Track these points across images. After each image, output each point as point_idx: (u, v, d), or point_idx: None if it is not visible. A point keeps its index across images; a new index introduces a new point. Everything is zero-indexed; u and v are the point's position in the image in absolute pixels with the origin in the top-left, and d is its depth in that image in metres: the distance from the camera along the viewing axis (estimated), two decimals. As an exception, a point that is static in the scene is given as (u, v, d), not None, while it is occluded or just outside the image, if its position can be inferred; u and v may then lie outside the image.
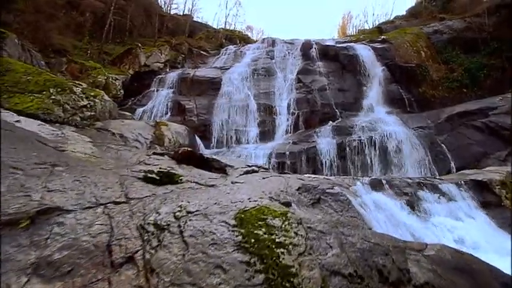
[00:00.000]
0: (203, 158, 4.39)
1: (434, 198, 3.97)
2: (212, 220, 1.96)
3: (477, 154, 7.58)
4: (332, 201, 3.46)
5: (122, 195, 2.16)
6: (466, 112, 8.71)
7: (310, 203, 3.33)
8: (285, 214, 2.22)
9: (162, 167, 3.38)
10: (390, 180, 4.35)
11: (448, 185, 4.10)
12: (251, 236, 1.86)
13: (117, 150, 4.04)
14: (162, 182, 3.04)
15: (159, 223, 1.81)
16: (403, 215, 3.53)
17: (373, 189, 4.11)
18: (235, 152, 8.62)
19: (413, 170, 7.66)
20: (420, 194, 4.03)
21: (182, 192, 2.61)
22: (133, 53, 11.68)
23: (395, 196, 3.98)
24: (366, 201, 3.55)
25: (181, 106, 10.81)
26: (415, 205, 3.85)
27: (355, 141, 8.39)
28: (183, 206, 2.09)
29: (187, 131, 8.15)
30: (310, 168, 8.05)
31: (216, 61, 16.40)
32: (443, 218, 3.60)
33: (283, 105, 11.22)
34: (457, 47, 13.44)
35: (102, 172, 2.56)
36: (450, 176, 4.75)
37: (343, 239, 2.13)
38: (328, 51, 14.46)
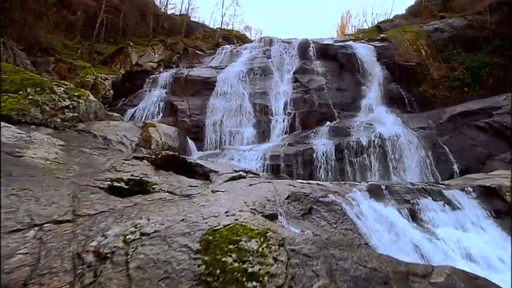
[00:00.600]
0: (186, 163, 4.03)
1: (439, 206, 3.61)
2: (171, 244, 1.59)
3: (481, 156, 7.22)
4: (325, 212, 3.10)
5: (68, 211, 1.80)
6: (468, 112, 8.36)
7: (301, 214, 2.97)
8: (263, 234, 1.86)
9: (134, 174, 3.02)
10: (390, 185, 3.99)
11: (453, 192, 3.74)
12: (217, 265, 1.49)
13: (90, 154, 3.68)
14: (131, 192, 2.68)
15: (102, 250, 1.45)
16: (404, 225, 3.17)
17: (371, 196, 3.75)
18: (228, 154, 8.25)
19: (414, 172, 7.30)
20: (423, 201, 3.67)
21: (148, 205, 2.25)
22: (125, 52, 11.33)
23: (395, 204, 3.62)
24: (363, 211, 3.19)
25: (173, 107, 10.46)
26: (417, 214, 3.49)
27: (353, 143, 8.03)
28: (139, 226, 1.73)
29: (177, 133, 7.79)
30: (306, 171, 7.70)
31: (211, 61, 16.03)
32: (450, 229, 3.24)
33: (279, 105, 10.86)
34: (458, 45, 13.10)
35: (55, 182, 2.21)
36: (455, 181, 4.39)
37: (334, 264, 1.77)
38: (326, 50, 14.11)
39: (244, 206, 2.58)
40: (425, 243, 2.86)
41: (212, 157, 8.20)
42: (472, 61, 11.73)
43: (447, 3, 19.32)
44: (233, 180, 3.70)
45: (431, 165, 7.30)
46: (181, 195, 2.72)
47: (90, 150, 3.91)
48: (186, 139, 8.52)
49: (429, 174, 7.18)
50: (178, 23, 22.84)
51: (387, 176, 7.41)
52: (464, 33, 13.57)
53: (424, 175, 7.21)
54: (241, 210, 2.44)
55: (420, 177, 7.21)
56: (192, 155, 8.46)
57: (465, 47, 12.94)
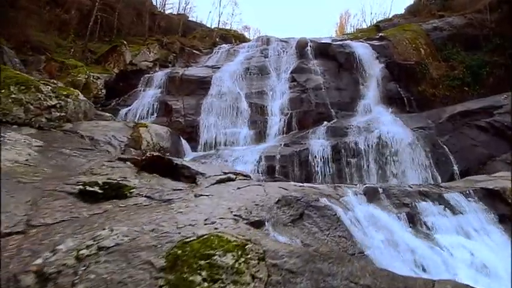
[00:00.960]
0: (172, 165, 3.81)
1: (439, 210, 3.40)
2: (132, 260, 1.38)
3: (482, 156, 7.02)
4: (317, 217, 2.88)
5: (21, 221, 1.59)
6: (468, 111, 8.16)
7: (291, 220, 2.75)
8: (242, 246, 1.64)
9: (111, 178, 2.80)
10: (387, 188, 3.77)
11: (455, 195, 3.53)
12: (182, 285, 1.28)
13: (69, 156, 3.46)
14: (106, 196, 2.46)
15: (46, 270, 1.24)
16: (402, 232, 2.96)
17: (368, 199, 3.54)
18: (222, 155, 8.05)
19: (413, 173, 7.10)
20: (422, 205, 3.46)
21: (119, 212, 2.03)
22: (118, 51, 11.12)
23: (393, 208, 3.40)
24: (358, 216, 2.98)
25: (168, 106, 10.25)
26: (416, 219, 3.28)
27: (350, 143, 7.82)
28: (98, 238, 1.51)
29: (170, 133, 7.57)
30: (302, 172, 7.49)
31: (208, 60, 15.84)
32: (451, 236, 3.04)
33: (276, 105, 10.66)
34: (458, 44, 12.90)
35: (15, 187, 2.00)
36: (456, 183, 4.18)
37: (321, 281, 1.55)
38: (324, 49, 13.91)
39: (228, 213, 2.37)
40: (426, 251, 2.65)
41: (206, 158, 8.00)
42: (472, 60, 11.54)
43: (446, 2, 19.13)
44: (221, 183, 3.48)
45: (430, 166, 7.10)
46: (160, 200, 2.50)
47: (70, 151, 3.69)
48: (179, 139, 8.31)
49: (428, 176, 6.98)
50: (175, 22, 22.66)
51: (385, 177, 7.21)
52: (464, 31, 13.38)
53: (423, 176, 7.01)
54: (223, 217, 2.23)
55: (419, 179, 7.01)
56: (185, 156, 8.25)
57: (465, 46, 12.75)
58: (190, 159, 7.85)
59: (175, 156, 7.39)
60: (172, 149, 7.28)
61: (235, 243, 1.66)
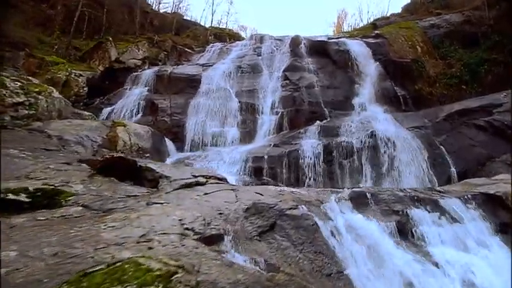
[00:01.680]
0: (135, 167, 3.40)
1: (434, 218, 3.01)
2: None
3: (480, 157, 6.64)
4: (291, 229, 2.48)
5: None
6: (466, 110, 7.79)
7: (258, 232, 2.35)
8: (167, 277, 1.24)
9: (49, 183, 2.39)
10: (377, 193, 3.38)
11: (451, 201, 3.14)
12: None
13: (15, 157, 3.05)
14: (34, 206, 2.06)
15: None
16: (390, 245, 2.57)
17: (354, 206, 3.14)
18: (208, 156, 7.63)
19: (408, 175, 6.71)
20: (415, 212, 3.06)
21: (28, 228, 1.62)
22: (103, 48, 10.69)
23: (382, 216, 3.00)
24: (340, 226, 2.58)
25: (154, 105, 9.82)
26: (407, 229, 2.88)
27: (343, 143, 7.43)
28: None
29: (152, 133, 7.16)
30: (292, 174, 7.09)
31: (200, 58, 15.41)
32: (447, 249, 2.64)
33: (267, 103, 10.26)
34: (455, 42, 12.57)
35: None
36: (453, 187, 3.78)
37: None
38: (318, 47, 13.52)
39: (177, 225, 1.96)
40: (417, 270, 2.25)
41: (191, 159, 7.59)
42: (470, 57, 11.19)
43: (444, 1, 18.80)
44: (186, 187, 3.08)
45: (427, 167, 6.71)
46: (98, 211, 2.09)
47: (19, 152, 3.27)
48: (162, 139, 7.90)
49: (425, 177, 6.59)
50: (168, 21, 22.26)
51: (379, 179, 6.82)
52: (462, 29, 13.05)
53: (419, 178, 6.62)
54: (166, 232, 1.82)
55: (415, 181, 6.63)
56: (170, 157, 7.85)
57: (462, 44, 12.41)
58: (174, 160, 7.45)
59: (157, 157, 6.99)
60: (153, 150, 6.88)
61: (159, 272, 1.25)
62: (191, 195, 2.79)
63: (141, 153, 6.20)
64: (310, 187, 6.90)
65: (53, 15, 12.58)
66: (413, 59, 11.80)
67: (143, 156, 6.25)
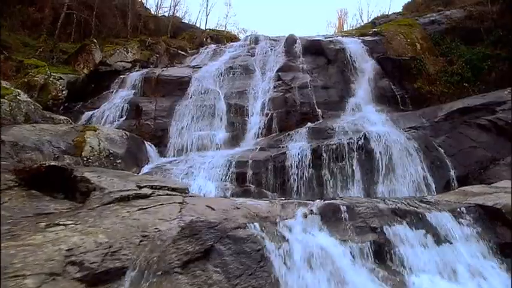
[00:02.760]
0: (69, 178, 2.94)
1: (418, 237, 2.49)
2: None
3: (483, 160, 6.07)
4: (231, 255, 2.00)
5: None
6: (468, 108, 7.21)
7: (184, 260, 1.87)
8: None
9: None
10: (353, 205, 2.87)
11: (441, 215, 2.61)
12: None
13: None
14: None
15: None
16: (359, 274, 2.04)
17: (325, 222, 2.64)
18: (190, 161, 7.16)
19: (403, 180, 6.15)
20: (395, 230, 2.55)
21: None
22: (87, 50, 10.34)
23: (355, 235, 2.50)
24: (294, 251, 2.07)
25: (138, 109, 9.41)
26: (385, 251, 2.36)
27: (333, 146, 6.90)
28: None
29: (128, 137, 6.73)
30: (277, 180, 6.58)
31: (193, 60, 15.05)
32: (431, 278, 2.10)
33: (257, 105, 9.77)
34: (457, 38, 11.95)
35: None
36: (446, 196, 3.24)
37: None
38: (313, 46, 13.01)
39: (56, 259, 1.50)
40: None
41: (172, 164, 7.13)
42: (473, 54, 10.57)
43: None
44: (121, 201, 2.61)
45: (423, 171, 6.14)
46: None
47: None
48: (142, 144, 7.46)
49: (421, 182, 6.03)
50: (164, 23, 22.03)
51: (371, 184, 6.27)
52: (464, 24, 12.44)
53: (415, 183, 6.05)
54: (24, 273, 1.32)
55: (410, 186, 6.07)
56: (150, 162, 7.40)
57: (465, 40, 11.80)
58: (152, 167, 7.00)
59: (132, 163, 6.55)
60: (128, 156, 6.44)
61: None
62: (119, 212, 2.31)
63: (112, 159, 5.76)
64: (297, 194, 6.41)
65: (39, 18, 12.29)
66: (412, 57, 11.23)
67: (114, 163, 5.81)
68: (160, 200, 2.79)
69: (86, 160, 5.24)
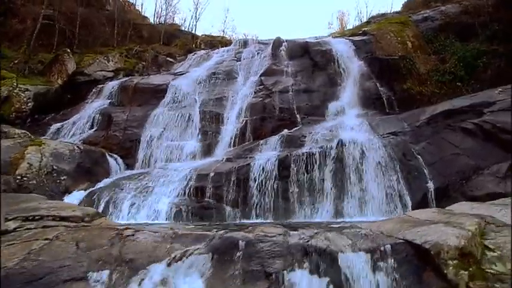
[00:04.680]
0: None
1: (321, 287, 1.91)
2: None
3: (465, 169, 5.38)
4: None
5: None
6: (453, 111, 6.51)
7: None
8: None
9: None
10: (258, 240, 2.37)
11: (354, 257, 2.03)
12: None
13: None
14: None
15: None
16: None
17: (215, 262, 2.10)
18: (152, 174, 6.70)
19: (375, 193, 5.52)
20: (294, 276, 1.98)
21: None
22: (60, 61, 10.11)
23: (242, 285, 1.94)
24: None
25: (110, 119, 9.06)
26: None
27: (303, 155, 6.32)
28: None
29: (81, 151, 6.36)
30: (239, 194, 6.04)
31: (179, 67, 14.73)
32: None
33: (233, 112, 9.29)
34: (452, 35, 11.18)
35: None
36: (384, 225, 2.64)
37: None
38: (299, 48, 12.49)
39: None
40: None
41: (131, 178, 6.68)
42: (466, 50, 9.80)
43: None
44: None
45: (398, 183, 5.50)
46: None
47: None
48: (102, 157, 7.08)
49: (395, 196, 5.38)
50: (159, 31, 21.93)
51: (342, 199, 5.66)
52: (459, 20, 11.67)
53: (388, 197, 5.41)
54: None
55: (384, 201, 5.43)
56: (111, 176, 6.99)
57: (460, 36, 11.01)
58: (110, 181, 6.57)
59: (84, 178, 6.14)
60: (79, 171, 6.05)
61: None
62: None
63: (55, 176, 5.37)
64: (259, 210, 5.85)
65: (21, 29, 12.21)
66: (402, 56, 10.53)
67: (57, 180, 5.42)
68: (22, 236, 2.31)
69: (20, 178, 4.85)
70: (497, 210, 2.36)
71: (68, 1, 15.18)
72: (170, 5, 25.82)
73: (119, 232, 2.51)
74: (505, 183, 4.78)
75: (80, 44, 14.31)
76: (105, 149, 7.93)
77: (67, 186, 5.42)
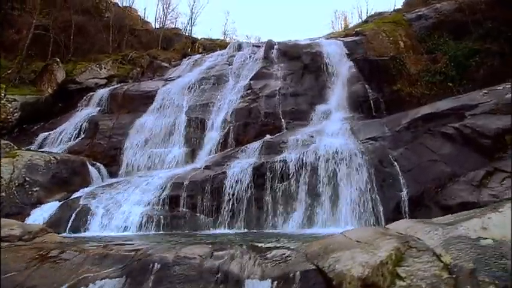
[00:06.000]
0: None
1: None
2: None
3: (441, 176, 5.17)
4: None
5: None
6: (434, 114, 6.29)
7: None
8: None
9: None
10: (175, 262, 2.27)
11: (259, 284, 1.93)
12: None
13: None
14: None
15: None
16: None
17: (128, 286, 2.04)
18: (130, 183, 6.70)
19: (349, 202, 5.37)
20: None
21: None
22: (49, 70, 10.27)
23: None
24: None
25: (97, 127, 9.15)
26: None
27: (279, 163, 6.22)
28: None
29: (58, 162, 6.41)
30: (214, 203, 5.98)
31: (173, 72, 14.80)
32: None
33: (218, 118, 9.23)
34: (446, 33, 10.88)
35: None
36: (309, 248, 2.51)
37: None
38: (290, 50, 12.39)
39: None
40: None
41: (110, 187, 6.70)
42: (457, 50, 9.50)
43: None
44: None
45: (372, 191, 5.33)
46: None
47: None
48: (83, 166, 7.12)
49: (367, 204, 5.22)
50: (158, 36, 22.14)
51: (314, 207, 5.53)
52: (454, 17, 11.34)
53: (360, 206, 5.25)
54: None
55: (357, 210, 5.27)
56: (91, 185, 7.03)
57: (454, 35, 10.70)
58: (88, 191, 6.60)
59: (59, 189, 6.19)
60: (54, 181, 6.11)
61: None
62: None
63: (27, 188, 5.43)
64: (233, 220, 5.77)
65: (17, 40, 12.48)
66: (392, 56, 10.30)
67: (29, 192, 5.46)
68: None
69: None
70: (428, 231, 2.22)
71: (65, 10, 15.47)
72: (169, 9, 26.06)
73: (44, 253, 2.48)
74: (479, 191, 4.57)
75: (76, 52, 14.56)
76: (89, 157, 8.01)
77: (39, 198, 5.47)
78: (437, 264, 1.90)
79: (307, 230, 5.17)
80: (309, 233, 4.89)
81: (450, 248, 2.00)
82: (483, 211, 2.44)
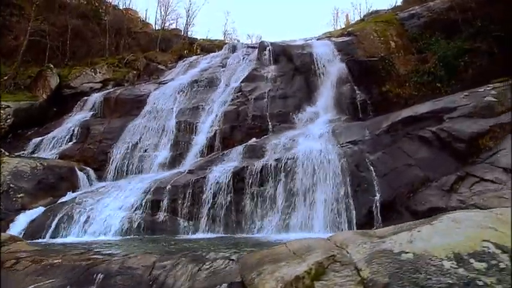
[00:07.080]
0: None
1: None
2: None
3: (414, 181, 5.19)
4: None
5: None
6: (413, 117, 6.30)
7: None
8: None
9: None
10: (118, 272, 2.37)
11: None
12: None
13: None
14: None
15: None
16: None
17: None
18: (115, 187, 6.87)
19: (323, 207, 5.43)
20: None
21: None
22: (43, 76, 10.51)
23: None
24: None
25: (88, 131, 9.35)
26: None
27: (258, 168, 6.30)
28: None
29: (44, 168, 6.61)
30: (193, 208, 6.10)
31: (169, 74, 14.96)
32: None
33: (207, 121, 9.35)
34: (438, 32, 10.76)
35: None
36: (250, 256, 2.60)
37: None
38: (282, 52, 12.40)
39: None
40: None
41: (96, 192, 6.87)
42: (447, 49, 9.41)
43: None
44: None
45: (346, 196, 5.38)
46: None
47: None
48: (71, 171, 7.31)
49: (341, 209, 5.27)
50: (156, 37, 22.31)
51: (291, 211, 5.61)
52: (446, 16, 11.19)
53: (333, 211, 5.31)
54: None
55: (331, 214, 5.33)
56: (79, 190, 7.23)
57: (447, 34, 10.58)
58: (75, 195, 6.79)
59: (45, 195, 6.38)
60: (40, 187, 6.31)
61: None
62: None
63: (11, 194, 5.62)
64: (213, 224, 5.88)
65: (15, 45, 12.77)
66: (382, 57, 10.25)
67: (14, 198, 5.65)
68: None
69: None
70: (358, 243, 2.28)
71: (62, 15, 15.74)
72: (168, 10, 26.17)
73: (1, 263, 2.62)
74: (449, 197, 4.58)
75: (74, 56, 14.83)
76: (80, 162, 8.22)
77: (23, 204, 5.67)
78: (354, 278, 1.97)
79: (284, 235, 5.24)
80: (282, 238, 4.95)
81: (372, 262, 2.06)
82: (419, 223, 2.50)
